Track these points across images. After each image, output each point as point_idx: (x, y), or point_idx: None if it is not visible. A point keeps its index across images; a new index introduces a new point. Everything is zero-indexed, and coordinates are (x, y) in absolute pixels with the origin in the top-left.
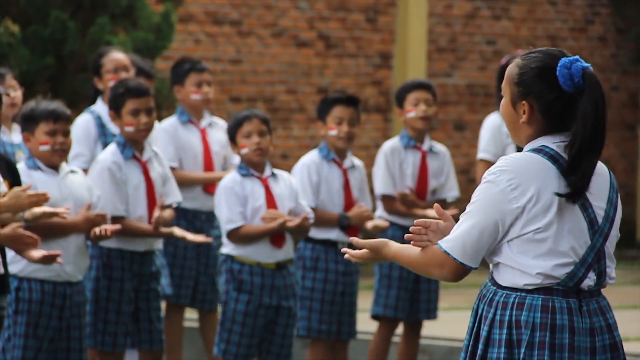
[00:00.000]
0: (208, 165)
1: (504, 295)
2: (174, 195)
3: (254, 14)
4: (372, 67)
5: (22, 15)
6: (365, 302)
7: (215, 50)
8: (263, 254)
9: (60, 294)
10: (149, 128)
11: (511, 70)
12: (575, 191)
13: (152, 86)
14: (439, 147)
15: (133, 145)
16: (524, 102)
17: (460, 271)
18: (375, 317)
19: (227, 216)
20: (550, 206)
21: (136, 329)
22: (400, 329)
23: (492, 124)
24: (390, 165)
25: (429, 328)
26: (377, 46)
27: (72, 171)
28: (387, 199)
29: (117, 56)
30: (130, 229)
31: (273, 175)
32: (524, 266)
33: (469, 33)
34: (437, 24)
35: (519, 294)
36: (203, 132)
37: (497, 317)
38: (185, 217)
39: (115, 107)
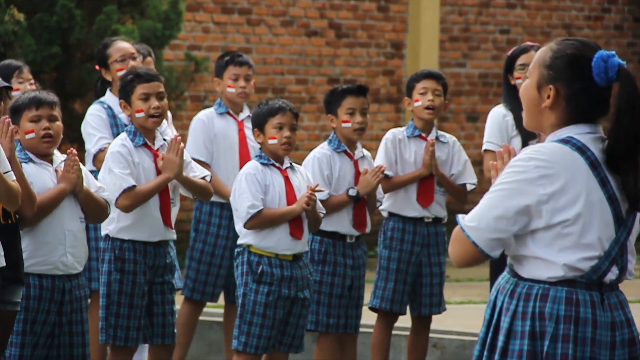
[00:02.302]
0: (244, 157)
1: (526, 287)
2: (200, 172)
3: (264, 2)
4: (383, 57)
5: (28, 3)
6: (369, 295)
7: (224, 39)
8: (282, 245)
9: (59, 289)
10: (160, 113)
11: (543, 53)
12: (634, 202)
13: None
14: (448, 136)
15: (144, 134)
16: (551, 86)
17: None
18: (372, 309)
19: (250, 201)
20: (578, 198)
21: (149, 323)
22: (409, 324)
23: (497, 115)
24: (389, 150)
25: (441, 322)
26: (388, 35)
27: None
28: (383, 180)
29: (122, 45)
30: (138, 194)
31: (291, 167)
32: (549, 258)
33: (482, 22)
34: (450, 12)
35: (541, 285)
36: (240, 124)
37: (520, 309)
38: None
39: (126, 95)
